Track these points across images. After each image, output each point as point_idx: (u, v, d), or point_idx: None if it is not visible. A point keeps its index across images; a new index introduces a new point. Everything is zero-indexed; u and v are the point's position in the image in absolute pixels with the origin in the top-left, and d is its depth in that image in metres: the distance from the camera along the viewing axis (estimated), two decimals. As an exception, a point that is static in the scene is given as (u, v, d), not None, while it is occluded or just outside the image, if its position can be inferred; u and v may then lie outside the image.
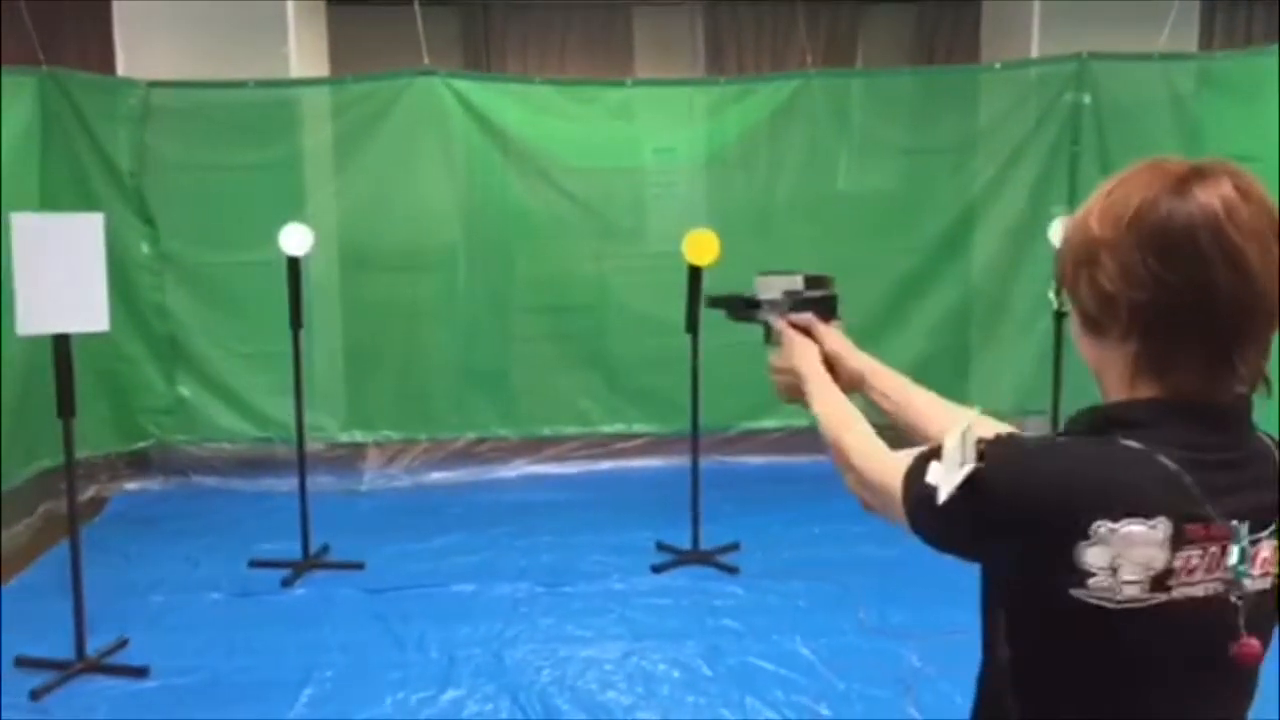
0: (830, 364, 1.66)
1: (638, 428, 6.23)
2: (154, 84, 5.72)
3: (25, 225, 3.79)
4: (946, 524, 1.20)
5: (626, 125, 6.17)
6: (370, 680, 3.87)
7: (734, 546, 4.98)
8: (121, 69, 5.95)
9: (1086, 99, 5.91)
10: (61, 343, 3.83)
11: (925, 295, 6.23)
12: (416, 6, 5.84)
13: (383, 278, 6.06)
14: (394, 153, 5.93)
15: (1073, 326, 1.26)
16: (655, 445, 6.19)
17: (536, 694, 3.78)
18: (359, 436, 6.18)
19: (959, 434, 1.20)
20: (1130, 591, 1.11)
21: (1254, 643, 1.16)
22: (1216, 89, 5.47)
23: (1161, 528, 1.11)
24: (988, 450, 1.17)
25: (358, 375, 6.13)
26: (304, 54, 6.26)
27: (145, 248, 5.82)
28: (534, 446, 6.28)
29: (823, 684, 3.83)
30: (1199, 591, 1.13)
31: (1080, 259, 1.20)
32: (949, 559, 1.25)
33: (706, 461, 5.07)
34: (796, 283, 1.70)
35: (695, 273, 4.76)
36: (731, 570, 4.79)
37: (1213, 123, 5.36)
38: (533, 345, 6.20)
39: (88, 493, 5.61)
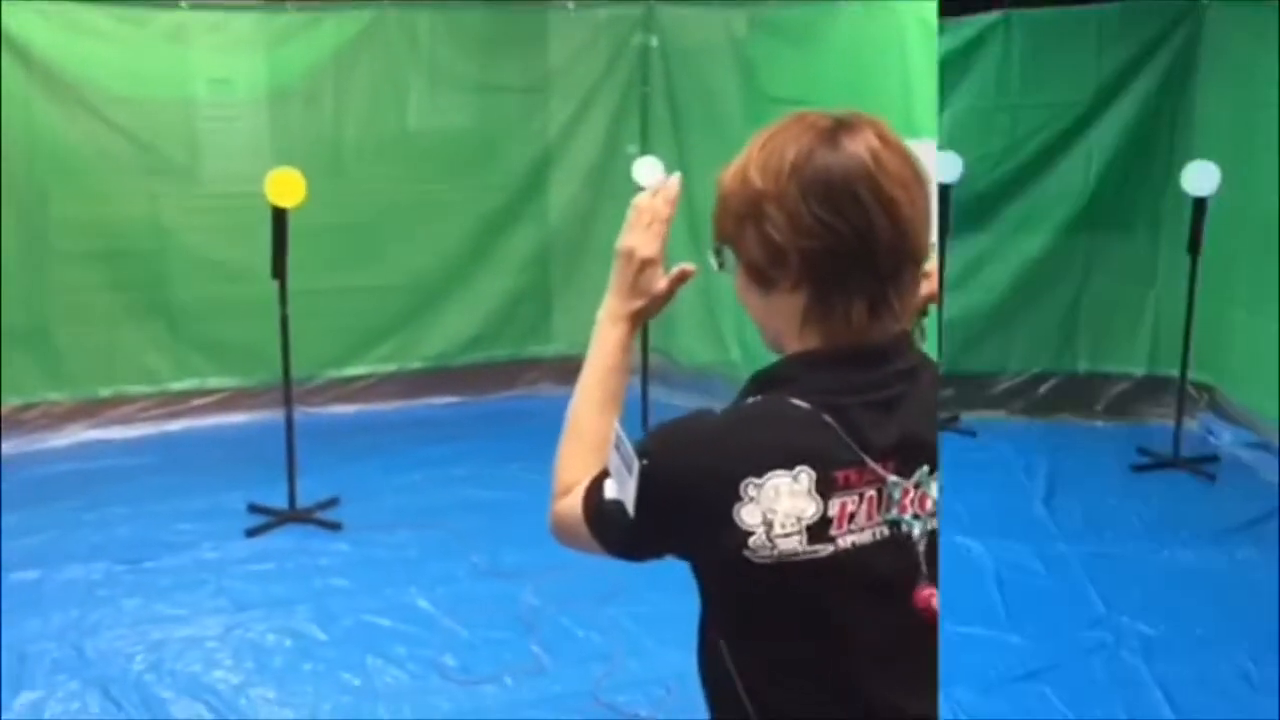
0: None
1: (213, 382, 5.77)
2: None
3: None
4: (642, 532, 1.20)
5: (180, 51, 5.61)
6: (-82, 695, 3.32)
7: (333, 501, 4.75)
8: None
9: (654, 41, 6.12)
10: None
11: (507, 234, 6.23)
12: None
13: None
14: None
15: (738, 282, 1.26)
16: (235, 399, 5.76)
17: (131, 684, 3.43)
18: None
19: (613, 445, 1.22)
20: (788, 545, 1.12)
21: (932, 592, 1.18)
22: (769, 34, 5.83)
23: (804, 477, 1.13)
24: (647, 445, 1.18)
25: None
26: None
27: None
28: (91, 409, 5.61)
29: (445, 634, 3.77)
30: (866, 538, 1.16)
31: (744, 213, 1.20)
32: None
33: (293, 414, 4.78)
34: None
35: (280, 215, 4.43)
36: (334, 526, 4.57)
37: (765, 66, 5.71)
38: (80, 296, 5.54)
39: None
